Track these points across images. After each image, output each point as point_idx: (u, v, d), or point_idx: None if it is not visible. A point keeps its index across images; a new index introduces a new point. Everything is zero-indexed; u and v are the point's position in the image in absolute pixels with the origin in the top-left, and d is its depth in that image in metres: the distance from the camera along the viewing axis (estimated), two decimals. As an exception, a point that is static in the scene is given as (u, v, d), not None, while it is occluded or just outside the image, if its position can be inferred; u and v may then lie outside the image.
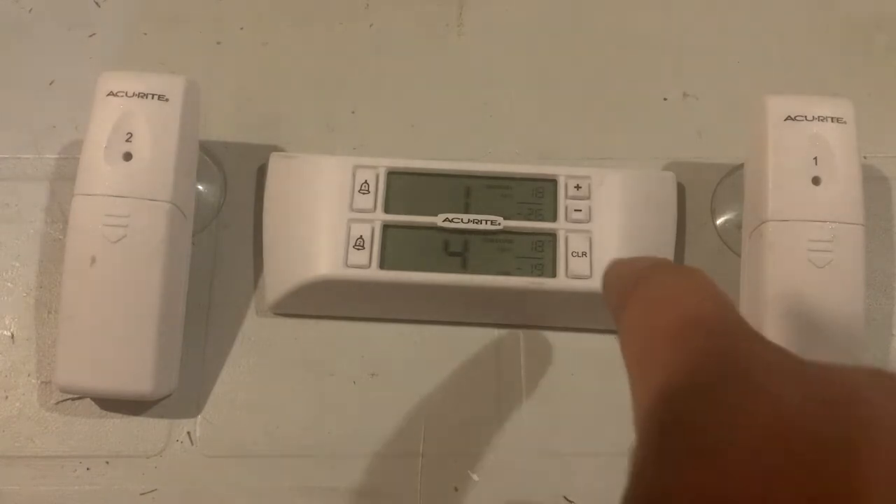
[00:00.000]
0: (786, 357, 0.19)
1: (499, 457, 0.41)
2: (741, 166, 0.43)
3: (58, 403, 0.41)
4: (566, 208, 0.41)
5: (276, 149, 0.45)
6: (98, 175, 0.38)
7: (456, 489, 0.40)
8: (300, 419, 0.41)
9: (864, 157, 0.45)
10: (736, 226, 0.43)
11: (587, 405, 0.41)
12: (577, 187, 0.41)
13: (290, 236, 0.41)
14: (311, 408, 0.41)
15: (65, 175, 0.44)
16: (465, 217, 0.40)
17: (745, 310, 0.40)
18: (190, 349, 0.41)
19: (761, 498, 0.15)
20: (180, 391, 0.41)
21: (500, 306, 0.41)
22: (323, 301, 0.42)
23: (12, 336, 0.42)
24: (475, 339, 0.42)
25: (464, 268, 0.40)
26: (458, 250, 0.40)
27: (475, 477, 0.40)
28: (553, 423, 0.41)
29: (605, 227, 0.41)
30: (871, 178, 0.45)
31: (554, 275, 0.40)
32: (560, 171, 0.42)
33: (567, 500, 0.40)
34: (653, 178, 0.43)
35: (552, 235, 0.40)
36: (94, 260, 0.38)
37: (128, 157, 0.38)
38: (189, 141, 0.40)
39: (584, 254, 0.40)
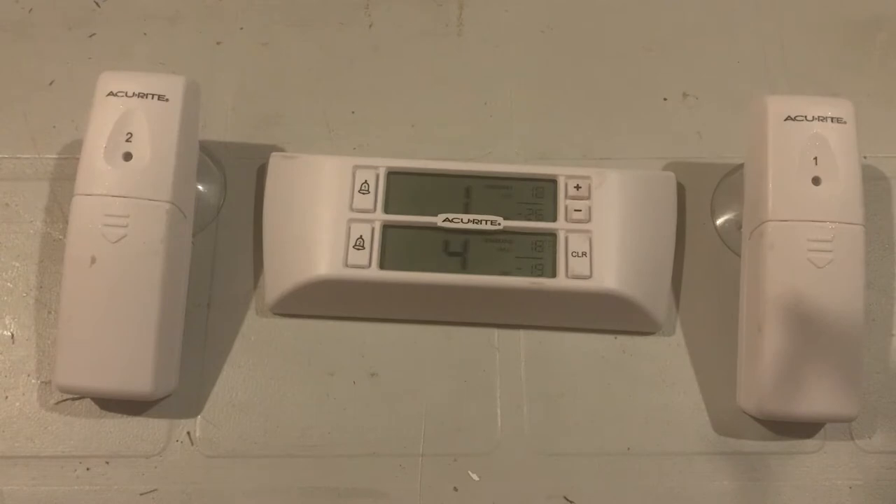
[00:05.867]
0: None
1: (499, 457, 0.41)
2: (741, 166, 0.43)
3: (58, 403, 0.41)
4: (566, 208, 0.41)
5: (276, 149, 0.45)
6: (98, 175, 0.38)
7: (456, 489, 0.40)
8: (300, 419, 0.41)
9: (864, 157, 0.45)
10: (736, 226, 0.44)
11: (587, 405, 0.41)
12: (577, 187, 0.41)
13: (290, 236, 0.41)
14: (310, 408, 0.41)
15: (65, 175, 0.44)
16: (465, 217, 0.41)
17: (746, 310, 0.40)
18: (190, 349, 0.41)
19: None
20: (180, 391, 0.41)
21: (500, 306, 0.41)
22: (323, 301, 0.42)
23: (12, 336, 0.42)
24: (475, 339, 0.42)
25: (464, 268, 0.40)
26: (458, 250, 0.40)
27: (475, 477, 0.40)
28: (553, 423, 0.41)
29: (605, 227, 0.41)
30: (871, 178, 0.45)
31: (554, 275, 0.40)
32: (560, 171, 0.42)
33: (567, 500, 0.40)
34: (653, 178, 0.43)
35: (552, 235, 0.40)
36: (94, 260, 0.38)
37: (128, 157, 0.38)
38: (189, 141, 0.40)
39: (584, 254, 0.40)
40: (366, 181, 0.41)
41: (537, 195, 0.41)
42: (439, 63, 0.48)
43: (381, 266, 0.40)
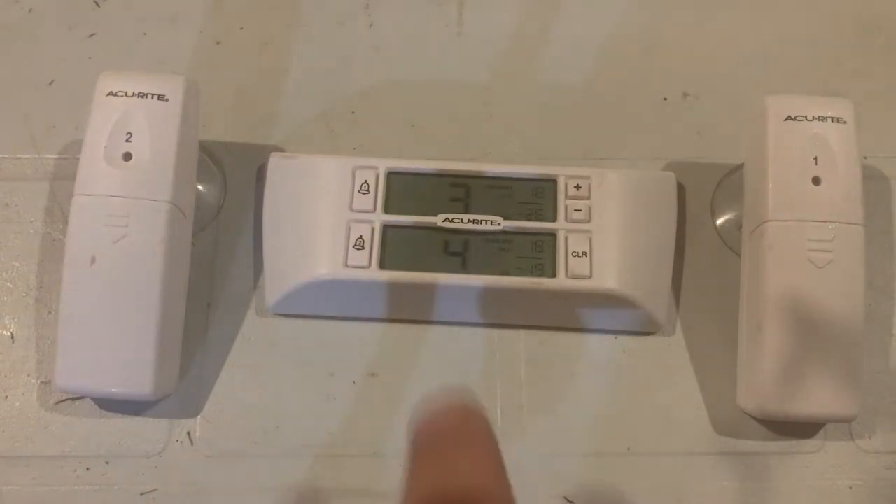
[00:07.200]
0: None
1: (499, 457, 0.41)
2: (741, 166, 0.43)
3: (58, 403, 0.41)
4: (566, 208, 0.41)
5: (276, 149, 0.45)
6: (98, 175, 0.38)
7: (456, 489, 0.40)
8: (300, 419, 0.41)
9: (865, 157, 0.45)
10: (736, 226, 0.44)
11: (587, 405, 0.41)
12: (577, 187, 0.41)
13: (290, 236, 0.41)
14: (310, 408, 0.41)
15: (65, 175, 0.44)
16: (465, 217, 0.40)
17: (746, 310, 0.40)
18: (190, 349, 0.41)
19: None
20: (180, 391, 0.41)
21: (500, 306, 0.41)
22: (323, 301, 0.42)
23: (12, 336, 0.42)
24: (475, 339, 0.42)
25: (464, 268, 0.40)
26: (458, 250, 0.40)
27: (475, 477, 0.40)
28: (553, 424, 0.41)
29: (605, 227, 0.41)
30: (871, 178, 0.45)
31: (554, 275, 0.40)
32: (560, 171, 0.42)
33: (567, 500, 0.40)
34: (653, 178, 0.43)
35: (552, 235, 0.40)
36: (94, 260, 0.38)
37: (128, 157, 0.38)
38: (189, 141, 0.40)
39: (584, 254, 0.40)
40: (365, 181, 0.41)
41: (537, 195, 0.41)
42: (439, 63, 0.48)
43: (381, 266, 0.40)
